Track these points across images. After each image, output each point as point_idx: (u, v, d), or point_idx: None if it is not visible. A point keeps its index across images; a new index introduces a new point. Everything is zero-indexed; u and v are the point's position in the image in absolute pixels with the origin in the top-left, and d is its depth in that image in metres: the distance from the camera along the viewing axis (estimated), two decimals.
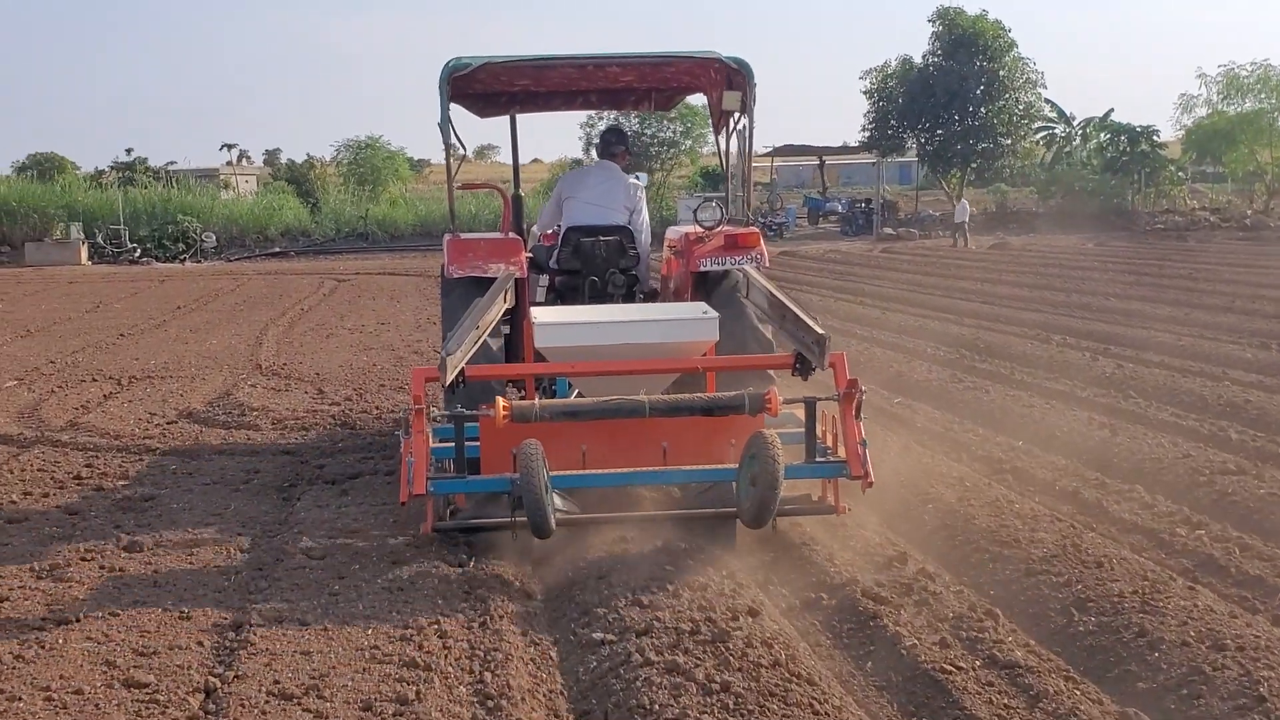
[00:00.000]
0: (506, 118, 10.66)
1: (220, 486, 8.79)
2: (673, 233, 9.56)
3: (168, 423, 11.31)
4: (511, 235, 9.18)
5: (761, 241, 8.74)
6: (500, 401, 6.68)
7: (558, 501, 6.59)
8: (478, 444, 6.99)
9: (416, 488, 6.41)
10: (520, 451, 6.32)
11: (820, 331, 7.00)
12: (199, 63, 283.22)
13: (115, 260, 43.88)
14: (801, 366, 7.31)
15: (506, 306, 8.06)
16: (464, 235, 9.09)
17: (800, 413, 7.12)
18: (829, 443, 7.10)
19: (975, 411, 10.99)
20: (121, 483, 8.97)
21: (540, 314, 7.81)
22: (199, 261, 44.69)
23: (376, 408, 11.96)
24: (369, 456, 9.59)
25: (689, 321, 7.63)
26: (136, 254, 44.72)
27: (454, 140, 8.70)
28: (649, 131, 53.93)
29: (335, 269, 38.44)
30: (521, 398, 7.63)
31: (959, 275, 28.69)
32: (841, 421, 6.88)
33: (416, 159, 79.60)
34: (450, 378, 6.66)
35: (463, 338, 6.92)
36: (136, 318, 22.48)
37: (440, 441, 7.11)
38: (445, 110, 8.48)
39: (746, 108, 8.87)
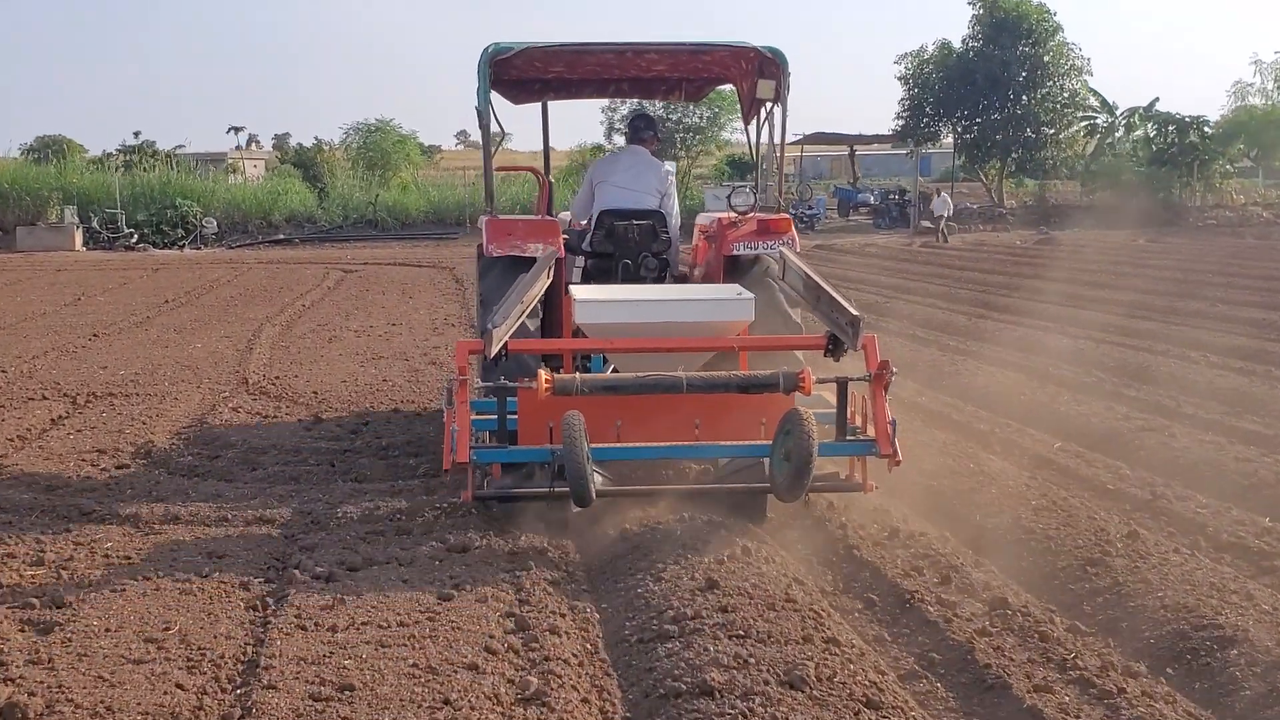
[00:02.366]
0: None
1: (151, 598, 5.90)
2: (704, 218, 9.77)
3: (117, 466, 8.77)
4: (547, 217, 9.33)
5: (793, 228, 8.84)
6: (542, 375, 6.75)
7: (596, 472, 6.61)
8: (514, 417, 7.03)
9: (460, 456, 6.55)
10: (564, 423, 6.38)
11: (854, 313, 7.06)
12: (210, 45, 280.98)
13: (111, 246, 41.62)
14: (834, 348, 7.38)
15: (548, 283, 8.09)
16: (502, 217, 8.97)
17: (829, 394, 7.25)
18: (858, 423, 7.13)
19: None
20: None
21: (580, 291, 7.93)
22: (198, 248, 42.49)
23: (386, 444, 9.43)
24: (376, 531, 7.04)
25: (726, 302, 7.74)
26: (133, 240, 42.55)
27: (494, 123, 8.79)
28: (674, 118, 51.28)
29: (342, 258, 36.03)
30: (557, 372, 7.27)
31: (1025, 274, 26.07)
32: (872, 402, 6.97)
33: (427, 145, 77.40)
34: (495, 349, 6.75)
35: (508, 311, 6.98)
36: (117, 314, 19.99)
37: (477, 414, 7.09)
38: (486, 94, 8.59)
39: (780, 96, 8.91)
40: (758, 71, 9.07)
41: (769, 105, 9.23)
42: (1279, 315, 16.84)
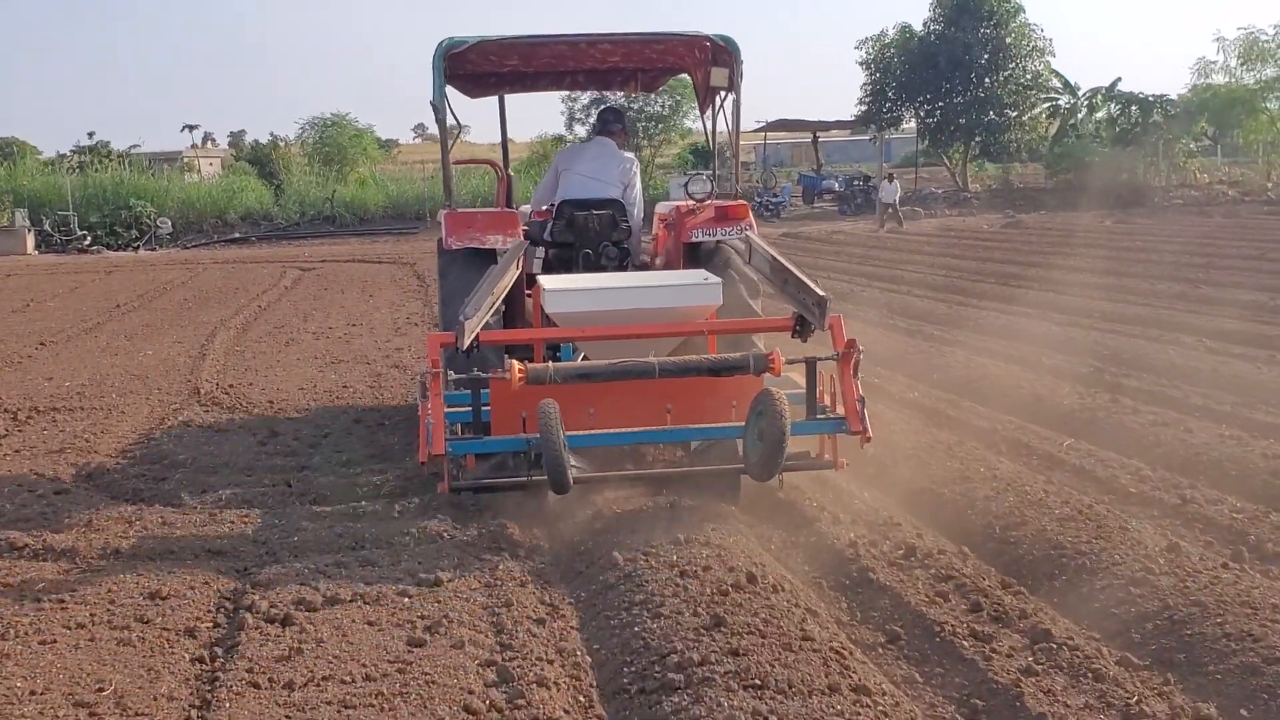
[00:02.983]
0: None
1: (85, 651, 5.22)
2: (663, 206, 9.82)
3: (55, 492, 7.97)
4: (506, 210, 9.48)
5: (750, 213, 8.86)
6: (515, 365, 6.77)
7: (572, 460, 6.63)
8: (488, 408, 7.01)
9: (436, 448, 6.53)
10: (540, 411, 6.39)
11: (821, 294, 7.12)
12: (165, 43, 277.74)
13: (63, 249, 40.48)
14: (801, 328, 7.48)
15: (518, 274, 8.16)
16: (460, 210, 9.01)
17: (798, 375, 7.24)
18: (827, 401, 7.14)
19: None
20: None
21: (548, 281, 7.91)
22: (153, 249, 41.49)
23: (347, 459, 8.75)
24: (338, 563, 6.31)
25: (694, 287, 7.78)
26: (86, 242, 41.44)
27: (450, 117, 8.85)
28: (635, 106, 50.55)
29: (299, 256, 35.22)
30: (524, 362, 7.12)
31: (997, 259, 25.58)
32: (840, 380, 7.00)
33: (385, 139, 76.42)
34: (468, 341, 6.78)
35: (479, 303, 7.00)
36: (66, 320, 19.15)
37: (449, 407, 7.10)
38: (441, 89, 8.60)
39: (734, 84, 8.95)
40: (711, 60, 9.16)
41: (723, 93, 9.31)
42: (1266, 296, 16.38)
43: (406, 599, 5.71)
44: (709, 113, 9.79)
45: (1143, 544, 5.95)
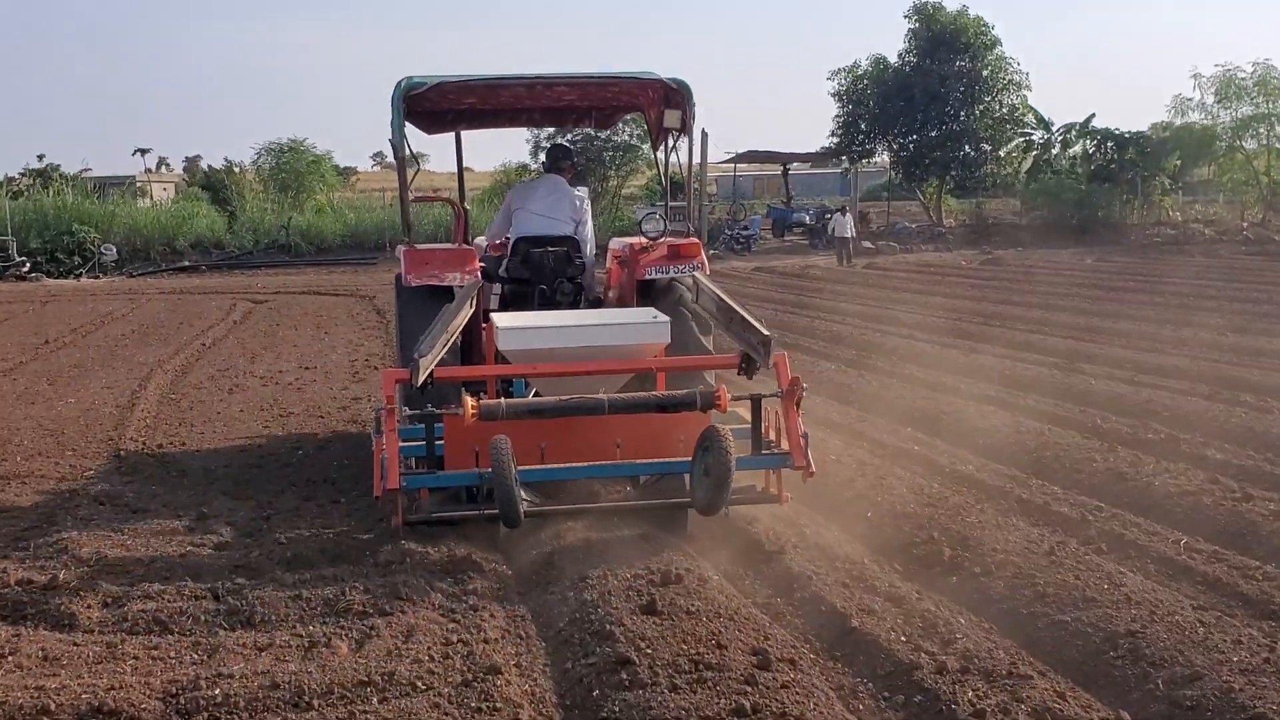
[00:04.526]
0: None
1: None
2: (616, 243, 9.83)
3: None
4: (464, 245, 9.66)
5: (702, 252, 9.01)
6: (469, 400, 6.95)
7: (523, 494, 6.78)
8: (441, 442, 7.13)
9: (390, 483, 6.67)
10: (492, 447, 6.54)
11: (765, 333, 7.29)
12: (119, 66, 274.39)
13: (0, 276, 38.37)
14: (747, 366, 7.59)
15: (472, 312, 8.30)
16: (419, 246, 9.17)
17: (744, 411, 7.51)
18: (772, 437, 7.33)
19: None
20: None
21: (501, 319, 8.07)
22: (96, 278, 39.53)
23: (292, 557, 6.93)
24: None
25: (643, 325, 7.92)
26: (25, 269, 39.39)
27: (409, 154, 8.98)
28: (603, 136, 49.01)
29: (251, 286, 33.47)
30: (480, 398, 7.25)
31: (991, 299, 24.12)
32: (785, 417, 7.20)
33: (343, 166, 74.62)
34: (422, 378, 6.87)
35: (434, 341, 7.13)
36: None
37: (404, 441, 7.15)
38: (400, 127, 8.73)
39: (686, 126, 9.08)
40: (663, 101, 9.31)
41: (676, 133, 9.41)
42: None
43: None
44: (661, 152, 9.93)
45: None
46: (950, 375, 13.38)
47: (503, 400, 7.33)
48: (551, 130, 44.73)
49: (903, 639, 5.37)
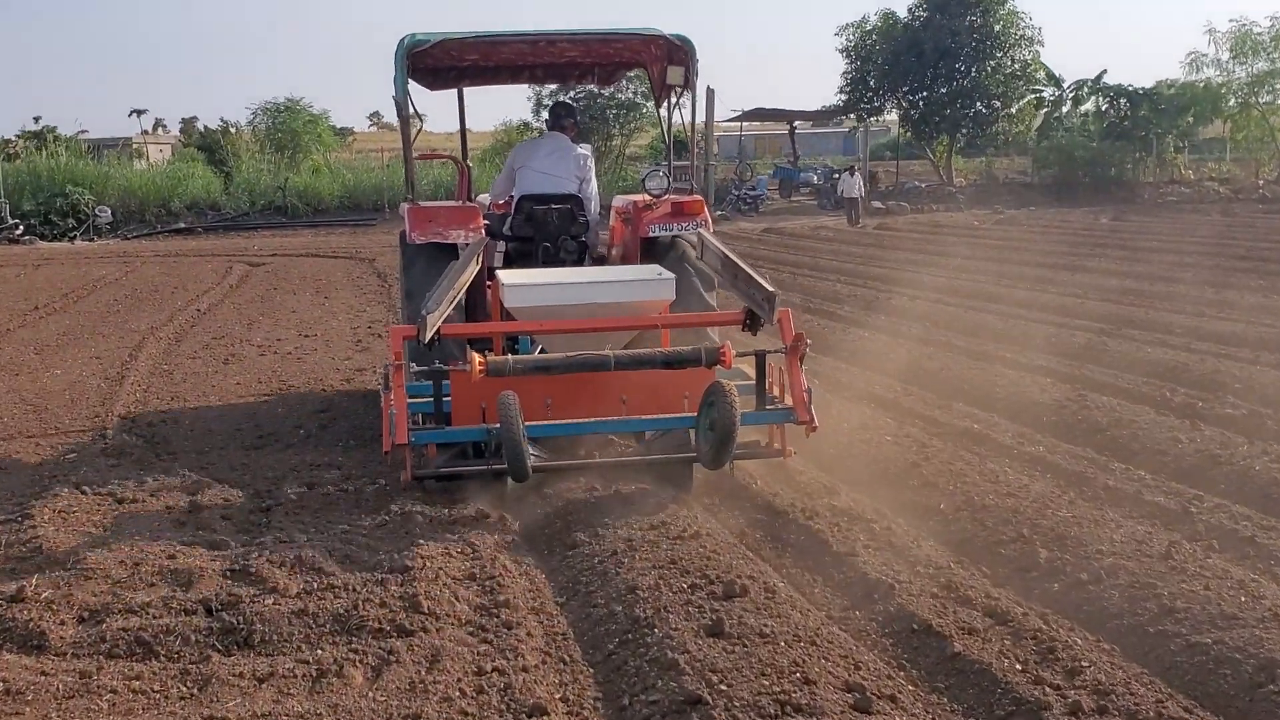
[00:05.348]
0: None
1: None
2: (620, 200, 9.84)
3: None
4: (468, 203, 9.53)
5: (706, 209, 9.01)
6: (476, 357, 6.95)
7: (531, 449, 6.77)
8: (449, 399, 7.15)
9: (399, 437, 6.73)
10: (500, 402, 6.59)
11: (770, 289, 7.31)
12: (115, 25, 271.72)
13: None
14: (751, 322, 7.75)
15: (477, 270, 8.24)
16: (423, 204, 9.07)
17: (748, 367, 7.50)
18: (776, 393, 7.41)
19: None
20: None
21: (507, 276, 8.04)
22: (90, 240, 38.65)
23: (295, 559, 6.08)
24: None
25: (648, 282, 7.93)
26: (19, 231, 38.50)
27: (412, 112, 8.86)
28: (606, 94, 47.97)
29: (248, 248, 32.60)
30: (486, 354, 7.19)
31: (1012, 259, 23.18)
32: (788, 372, 7.28)
33: (340, 127, 73.42)
34: (430, 335, 6.89)
35: (441, 298, 7.14)
36: None
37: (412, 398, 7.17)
38: (404, 85, 8.65)
39: (690, 83, 9.05)
40: (666, 58, 9.24)
41: (679, 90, 9.34)
42: None
43: None
44: (664, 108, 9.90)
45: None
46: (992, 343, 12.58)
47: (510, 357, 7.37)
48: (554, 87, 43.95)
49: (1018, 667, 4.55)
